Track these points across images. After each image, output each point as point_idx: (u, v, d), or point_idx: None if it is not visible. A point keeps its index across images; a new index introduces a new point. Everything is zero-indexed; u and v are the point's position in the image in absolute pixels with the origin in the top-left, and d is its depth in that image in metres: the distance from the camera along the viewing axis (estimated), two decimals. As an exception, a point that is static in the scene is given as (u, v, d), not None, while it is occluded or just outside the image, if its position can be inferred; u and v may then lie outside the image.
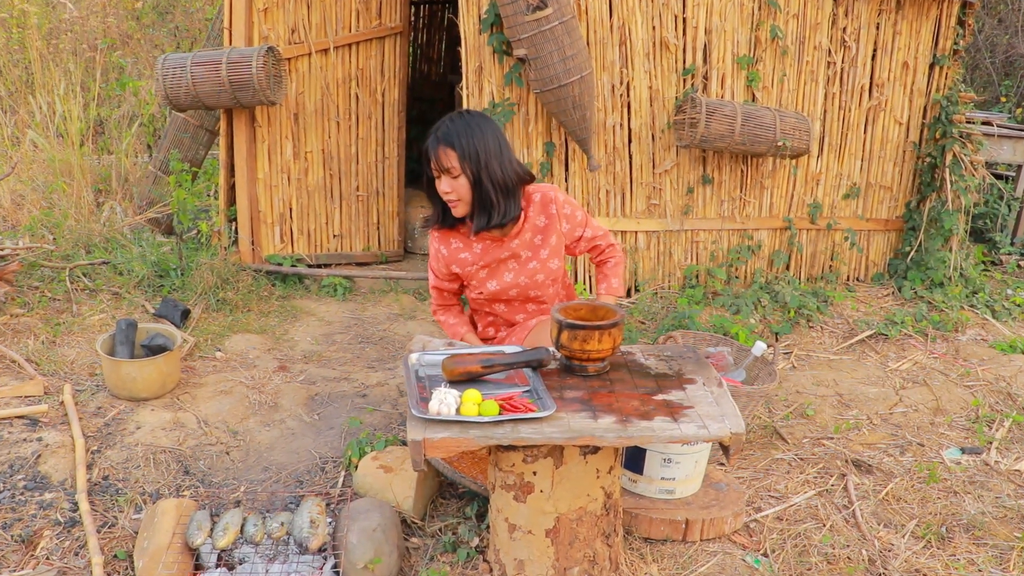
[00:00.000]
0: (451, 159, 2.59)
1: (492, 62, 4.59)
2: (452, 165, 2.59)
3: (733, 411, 2.27)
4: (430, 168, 2.66)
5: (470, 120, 2.62)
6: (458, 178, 2.61)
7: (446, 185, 2.63)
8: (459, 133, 2.59)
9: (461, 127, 2.60)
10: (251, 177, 5.01)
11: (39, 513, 2.78)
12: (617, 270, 3.01)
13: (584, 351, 2.38)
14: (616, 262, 3.02)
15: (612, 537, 2.51)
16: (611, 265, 3.02)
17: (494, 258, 2.84)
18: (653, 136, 4.92)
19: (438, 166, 2.61)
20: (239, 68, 4.50)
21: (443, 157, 2.59)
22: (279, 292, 4.92)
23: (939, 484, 3.21)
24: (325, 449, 3.27)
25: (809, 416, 3.77)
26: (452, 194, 2.65)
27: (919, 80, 5.31)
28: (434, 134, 2.61)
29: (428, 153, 2.62)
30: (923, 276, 5.34)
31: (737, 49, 4.89)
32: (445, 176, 2.63)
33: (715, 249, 5.19)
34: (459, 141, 2.58)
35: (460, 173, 2.61)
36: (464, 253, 2.85)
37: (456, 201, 2.67)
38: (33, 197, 5.71)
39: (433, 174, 2.66)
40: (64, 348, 3.93)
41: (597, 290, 3.00)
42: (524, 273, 2.86)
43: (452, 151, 2.58)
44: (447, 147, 2.59)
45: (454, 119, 2.62)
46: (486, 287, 2.88)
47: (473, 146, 2.59)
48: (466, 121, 2.61)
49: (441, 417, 2.14)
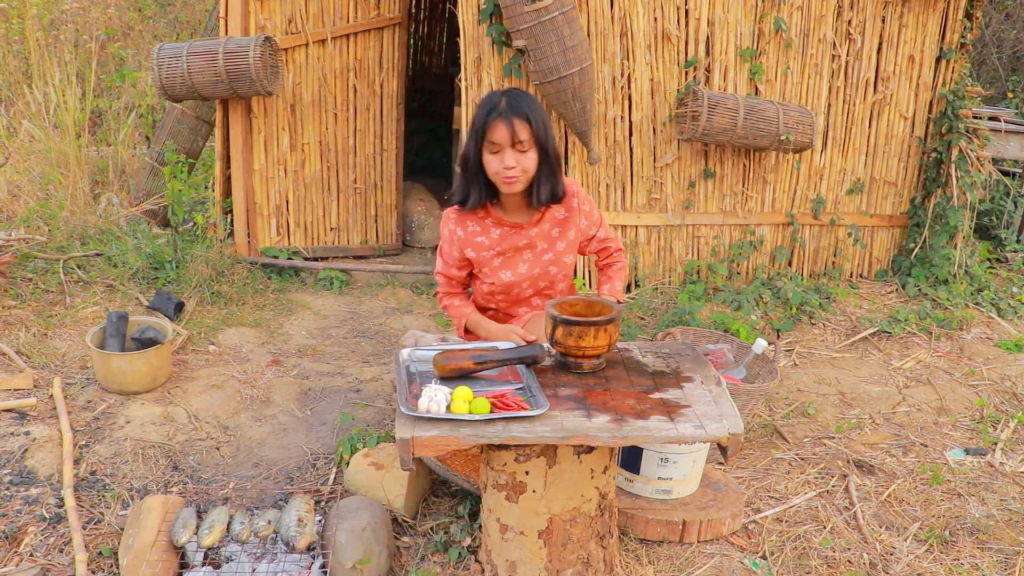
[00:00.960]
0: (526, 132, 2.54)
1: (491, 53, 4.53)
2: (526, 138, 2.54)
3: (732, 411, 2.21)
4: (482, 142, 2.58)
5: (529, 97, 2.60)
6: (527, 152, 2.56)
7: (511, 159, 2.56)
8: (529, 107, 2.55)
9: (528, 102, 2.56)
10: (247, 169, 4.95)
11: (24, 509, 2.73)
12: (621, 274, 2.96)
13: (579, 348, 2.32)
14: (621, 267, 2.96)
15: (607, 538, 2.45)
16: (616, 268, 2.96)
17: (511, 245, 2.77)
18: (654, 129, 4.86)
19: (510, 139, 2.53)
20: (236, 58, 4.44)
21: (520, 129, 2.52)
22: (275, 285, 4.86)
23: (942, 486, 3.15)
24: (317, 445, 3.22)
25: (810, 415, 3.71)
26: (516, 168, 2.58)
27: (925, 74, 5.23)
28: (499, 107, 2.54)
29: (493, 125, 2.54)
30: (927, 273, 5.26)
31: (740, 41, 4.82)
32: (511, 150, 2.55)
33: (716, 244, 5.12)
34: (531, 114, 2.54)
35: (531, 147, 2.56)
36: (481, 237, 2.77)
37: (517, 176, 2.60)
38: (30, 188, 5.66)
39: (491, 149, 2.57)
40: (56, 341, 3.88)
41: (599, 290, 2.93)
42: (538, 265, 2.80)
43: (527, 124, 2.53)
44: (521, 120, 2.53)
45: (516, 94, 2.58)
46: (499, 277, 2.81)
47: (541, 120, 2.57)
48: (527, 97, 2.59)
49: (430, 415, 2.09)
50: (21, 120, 6.15)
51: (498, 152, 2.56)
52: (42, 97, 6.00)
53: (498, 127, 2.53)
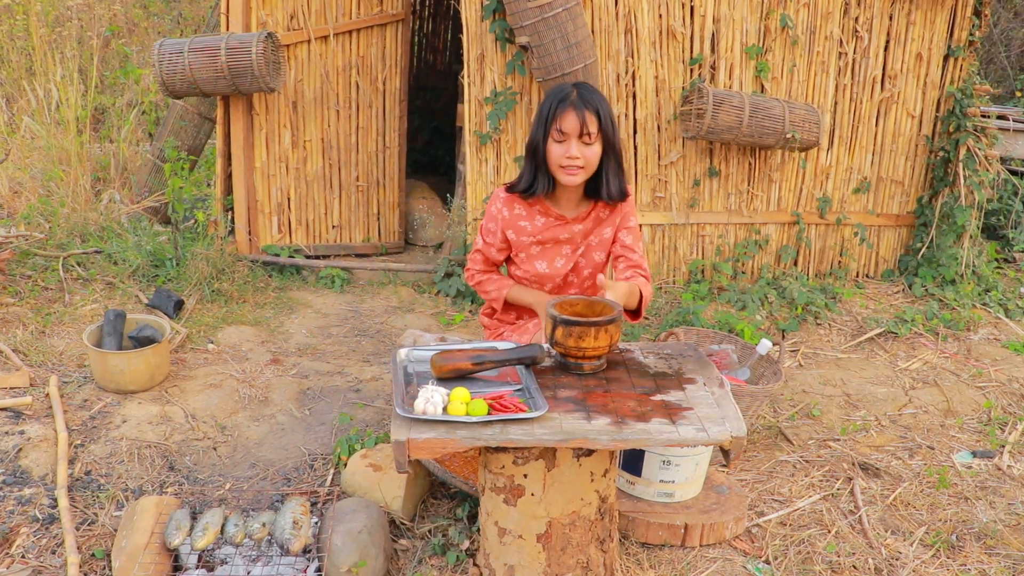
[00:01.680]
0: (595, 124, 2.53)
1: (494, 50, 4.49)
2: (593, 131, 2.53)
3: (734, 413, 2.17)
4: (549, 130, 2.56)
5: (599, 92, 2.60)
6: (592, 145, 2.55)
7: (576, 150, 2.54)
8: (599, 101, 2.55)
9: (598, 96, 2.57)
10: (248, 166, 4.92)
11: (17, 509, 2.70)
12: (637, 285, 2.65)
13: (580, 348, 2.27)
14: (643, 284, 2.69)
15: (607, 542, 2.41)
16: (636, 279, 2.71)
17: (552, 237, 2.75)
18: (659, 127, 4.81)
19: (579, 129, 2.52)
20: (238, 54, 4.40)
21: (590, 120, 2.51)
22: (275, 283, 4.83)
23: (949, 489, 3.10)
24: (315, 445, 3.18)
25: (815, 417, 3.66)
26: (580, 160, 2.56)
27: (933, 72, 5.17)
28: (570, 98, 2.53)
29: (563, 114, 2.53)
30: (934, 273, 5.21)
31: (746, 38, 4.77)
32: (578, 141, 2.54)
33: (721, 243, 5.07)
34: (601, 106, 2.54)
35: (597, 140, 2.55)
36: (524, 222, 2.75)
37: (579, 168, 2.58)
38: (31, 185, 5.63)
39: (557, 138, 2.55)
40: (54, 339, 3.85)
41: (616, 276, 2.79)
42: (574, 260, 2.78)
43: (595, 117, 2.53)
44: (591, 112, 2.52)
45: (587, 87, 2.57)
46: (534, 267, 2.79)
47: (609, 115, 2.57)
48: (597, 91, 2.59)
49: (427, 416, 2.05)
50: (23, 116, 6.12)
51: (564, 141, 2.55)
52: (43, 93, 5.97)
53: (568, 116, 2.53)
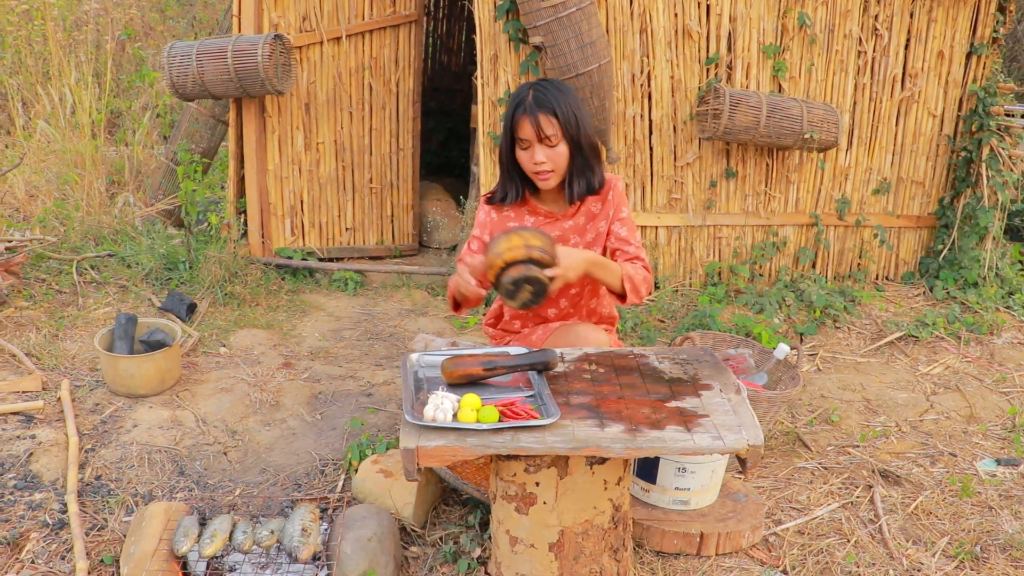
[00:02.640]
0: (553, 126, 2.46)
1: (508, 50, 4.45)
2: (553, 132, 2.47)
3: (751, 420, 2.11)
4: (513, 138, 2.52)
5: (559, 87, 2.51)
6: (556, 146, 2.49)
7: (540, 155, 2.49)
8: (556, 99, 2.47)
9: (555, 94, 2.48)
10: (261, 168, 4.90)
11: (27, 514, 2.68)
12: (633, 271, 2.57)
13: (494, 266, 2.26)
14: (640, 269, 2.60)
15: (621, 552, 2.36)
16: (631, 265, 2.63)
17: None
18: (675, 128, 4.75)
19: (537, 134, 2.46)
20: (245, 57, 4.38)
21: (545, 124, 2.45)
22: (288, 286, 4.80)
23: (972, 498, 3.03)
24: (326, 451, 3.15)
25: (834, 422, 3.59)
26: (547, 164, 2.50)
27: (955, 70, 5.08)
28: (525, 102, 2.47)
29: (519, 122, 2.47)
30: (956, 276, 5.12)
31: (763, 37, 4.70)
32: (540, 146, 2.49)
33: (738, 245, 5.01)
34: (559, 107, 2.46)
35: (560, 141, 2.49)
36: (513, 223, 2.69)
37: (549, 172, 2.53)
38: (47, 188, 5.64)
39: (521, 145, 2.51)
40: (66, 342, 3.84)
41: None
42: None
43: (554, 118, 2.46)
44: (548, 114, 2.45)
45: (543, 87, 2.49)
46: None
47: (572, 112, 2.48)
48: (556, 87, 2.50)
49: (436, 424, 2.01)
50: (38, 120, 6.14)
51: (528, 148, 2.50)
52: (59, 97, 5.98)
53: (524, 123, 2.47)
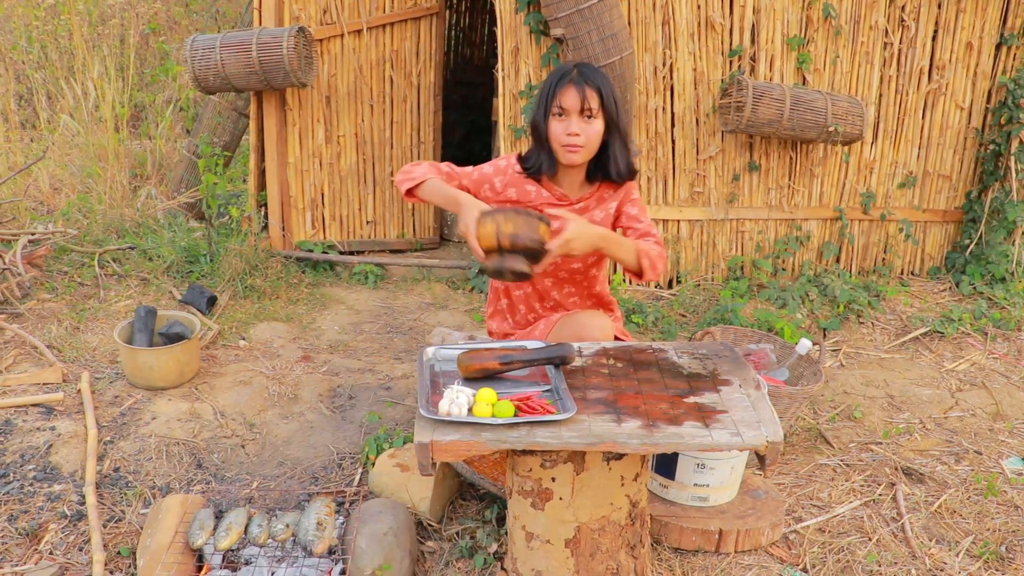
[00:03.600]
0: (595, 100, 2.45)
1: (529, 43, 4.42)
2: (594, 107, 2.45)
3: (771, 417, 2.08)
4: (549, 107, 2.49)
5: (600, 70, 2.52)
6: (592, 121, 2.47)
7: (576, 126, 2.46)
8: (601, 77, 2.48)
9: (599, 74, 2.49)
10: (281, 161, 4.91)
11: (46, 505, 2.70)
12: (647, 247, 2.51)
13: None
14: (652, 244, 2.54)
15: (638, 548, 2.33)
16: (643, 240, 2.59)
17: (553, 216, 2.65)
18: (697, 120, 4.70)
19: (579, 104, 2.45)
20: (269, 49, 4.39)
21: (590, 96, 2.44)
22: (309, 279, 4.81)
23: (998, 497, 2.97)
24: (344, 444, 3.15)
25: (857, 419, 3.54)
26: (580, 137, 2.47)
27: (984, 62, 4.99)
28: (570, 74, 2.46)
29: (563, 89, 2.46)
30: (983, 271, 5.04)
31: (787, 29, 4.64)
32: (578, 117, 2.46)
33: (761, 240, 4.95)
34: (603, 84, 2.46)
35: (598, 116, 2.47)
36: (531, 187, 2.64)
37: (579, 147, 2.49)
38: (70, 182, 5.69)
39: (556, 114, 2.48)
40: (87, 334, 3.86)
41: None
42: None
43: (596, 93, 2.45)
44: (592, 87, 2.44)
45: (587, 65, 2.50)
46: None
47: (612, 93, 2.49)
48: (599, 70, 2.51)
49: (451, 418, 1.99)
50: (62, 114, 6.19)
51: (564, 118, 2.48)
52: (82, 91, 6.03)
53: (568, 92, 2.45)
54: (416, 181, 2.58)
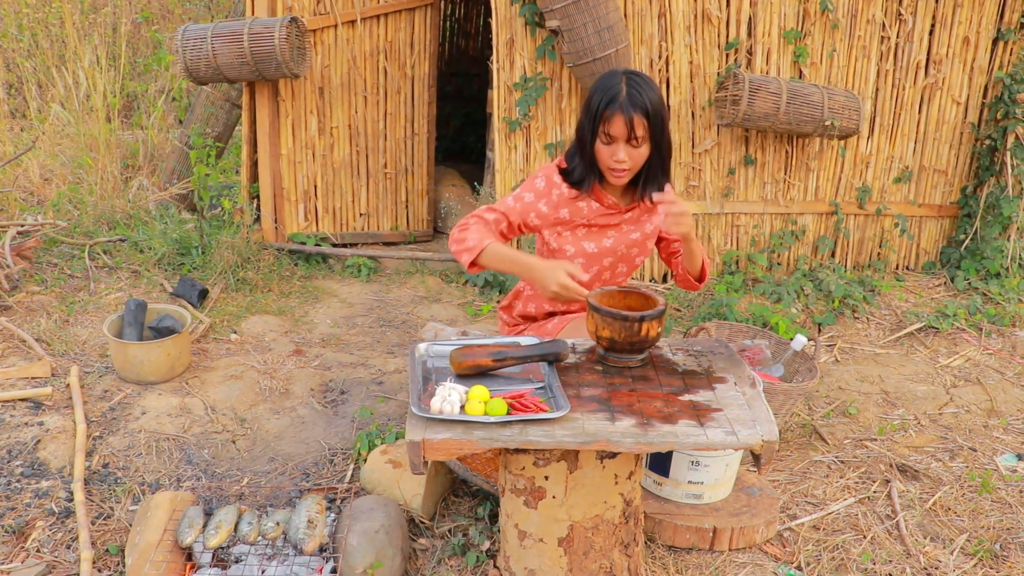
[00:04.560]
0: (643, 127, 2.40)
1: (524, 34, 4.38)
2: (642, 134, 2.40)
3: (766, 415, 2.06)
4: (596, 129, 2.43)
5: (650, 84, 2.42)
6: (640, 148, 2.43)
7: (623, 153, 2.42)
8: (649, 98, 2.39)
9: (648, 92, 2.39)
10: (274, 153, 4.86)
11: (34, 502, 2.67)
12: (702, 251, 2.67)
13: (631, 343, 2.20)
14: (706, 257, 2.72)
15: (631, 547, 2.32)
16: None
17: (602, 223, 2.62)
18: (693, 114, 4.68)
19: (628, 134, 2.40)
20: (261, 39, 4.34)
21: (638, 125, 2.38)
22: (301, 272, 4.77)
23: (992, 494, 2.96)
24: (335, 439, 3.12)
25: (851, 415, 3.53)
26: (627, 163, 2.44)
27: (980, 56, 4.97)
28: (619, 98, 2.37)
29: (611, 117, 2.38)
30: (978, 266, 5.02)
31: (784, 22, 4.61)
32: (625, 144, 2.42)
33: (756, 234, 4.93)
34: (651, 107, 2.39)
35: (645, 143, 2.43)
36: (582, 202, 2.59)
37: (626, 171, 2.47)
38: (61, 172, 5.63)
39: (604, 140, 2.43)
40: (77, 328, 3.83)
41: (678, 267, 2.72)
42: (624, 243, 2.64)
43: (645, 120, 2.39)
44: (640, 114, 2.37)
45: (637, 82, 2.40)
46: (583, 247, 2.62)
47: (660, 112, 2.42)
48: (648, 84, 2.41)
49: (443, 416, 1.97)
50: (52, 104, 6.12)
51: (611, 144, 2.43)
52: (73, 80, 5.97)
53: (616, 120, 2.38)
54: (475, 251, 2.44)
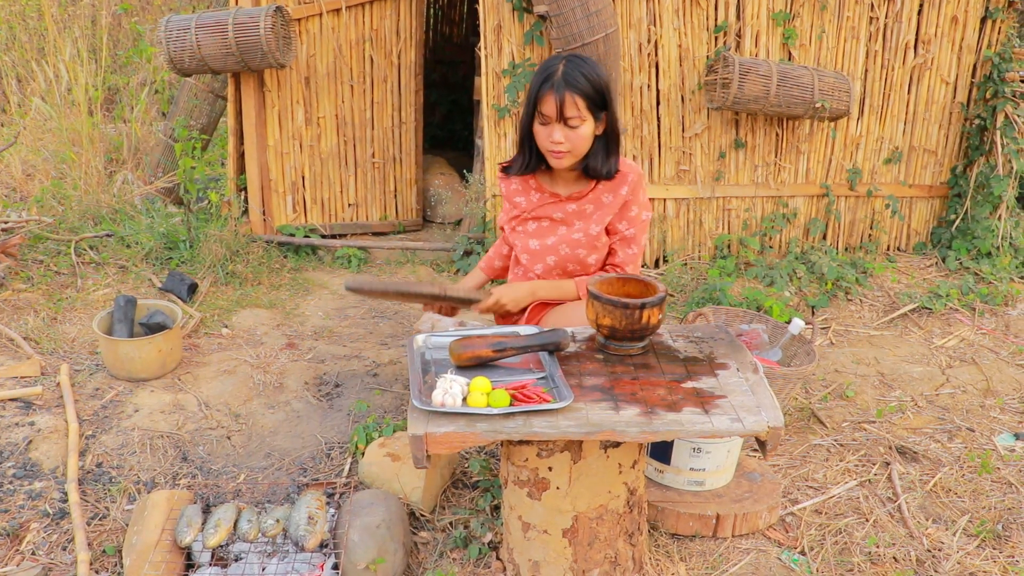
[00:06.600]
0: (577, 107, 2.37)
1: (512, 20, 4.34)
2: (576, 114, 2.38)
3: (771, 401, 2.04)
4: (534, 110, 2.43)
5: (592, 65, 2.41)
6: (577, 128, 2.40)
7: (558, 135, 2.41)
8: (587, 78, 2.37)
9: (587, 71, 2.38)
10: (261, 144, 4.80)
11: (27, 504, 2.62)
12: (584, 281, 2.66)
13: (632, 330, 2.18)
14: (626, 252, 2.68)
15: (636, 536, 2.30)
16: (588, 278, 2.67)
17: (546, 215, 2.63)
18: (683, 98, 4.65)
19: (559, 113, 2.37)
20: (246, 29, 4.27)
21: (569, 105, 2.36)
22: (291, 264, 4.72)
23: (992, 474, 2.96)
24: (332, 433, 3.09)
25: (849, 398, 3.52)
26: (564, 144, 2.43)
27: (969, 36, 4.95)
28: (553, 77, 2.37)
29: (543, 96, 2.38)
30: (969, 246, 5.03)
31: (773, 4, 4.58)
32: (560, 125, 2.40)
33: (748, 217, 4.92)
34: (587, 87, 2.37)
35: (583, 123, 2.40)
36: (520, 197, 2.65)
37: (564, 152, 2.45)
38: (44, 167, 5.55)
39: (540, 120, 2.42)
40: (65, 325, 3.77)
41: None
42: (567, 243, 2.62)
43: (580, 99, 2.37)
44: (574, 93, 2.36)
45: (575, 63, 2.39)
46: (528, 245, 2.66)
47: (600, 93, 2.40)
48: (589, 65, 2.40)
49: (445, 409, 1.94)
50: (33, 98, 6.03)
51: (547, 124, 2.41)
52: (54, 74, 5.88)
53: (548, 99, 2.37)
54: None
